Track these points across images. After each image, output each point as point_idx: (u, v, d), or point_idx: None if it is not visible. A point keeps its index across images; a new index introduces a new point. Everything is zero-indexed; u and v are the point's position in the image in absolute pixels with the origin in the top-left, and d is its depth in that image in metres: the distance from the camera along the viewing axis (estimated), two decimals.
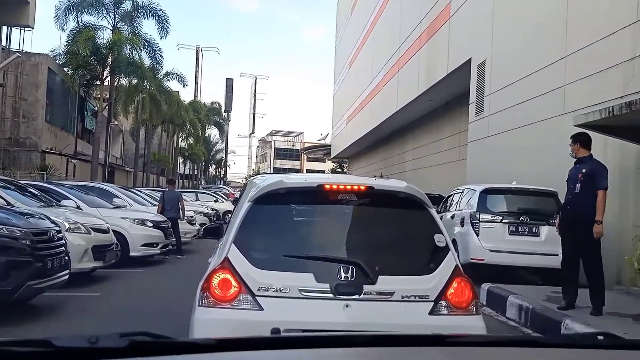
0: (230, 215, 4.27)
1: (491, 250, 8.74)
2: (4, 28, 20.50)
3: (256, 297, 3.05)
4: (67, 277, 6.30)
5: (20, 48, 23.95)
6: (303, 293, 3.05)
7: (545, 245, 8.45)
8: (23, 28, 21.97)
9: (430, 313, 3.11)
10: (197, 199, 24.24)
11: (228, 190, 39.61)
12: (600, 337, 1.48)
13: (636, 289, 7.00)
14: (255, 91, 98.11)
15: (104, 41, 26.97)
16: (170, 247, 11.66)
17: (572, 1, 10.30)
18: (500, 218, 8.92)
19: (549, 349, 1.44)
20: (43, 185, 10.66)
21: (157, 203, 14.42)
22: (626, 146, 8.09)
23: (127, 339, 1.12)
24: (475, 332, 3.05)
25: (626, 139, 7.76)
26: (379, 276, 3.11)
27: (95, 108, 29.75)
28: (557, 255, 6.95)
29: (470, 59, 15.48)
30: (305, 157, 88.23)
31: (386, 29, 27.56)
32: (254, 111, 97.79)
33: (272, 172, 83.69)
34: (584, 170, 6.12)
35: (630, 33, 8.25)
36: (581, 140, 6.31)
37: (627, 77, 8.22)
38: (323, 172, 65.33)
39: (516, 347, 1.44)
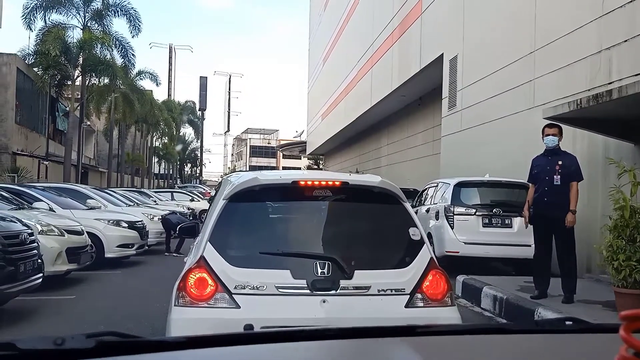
0: (206, 214, 4.26)
1: (465, 243, 8.88)
2: None
3: (233, 295, 3.06)
4: (40, 280, 6.19)
5: None
6: (280, 290, 3.07)
7: (517, 237, 8.62)
8: None
9: (407, 306, 3.16)
10: (172, 199, 24.02)
11: (204, 189, 39.29)
12: (568, 322, 1.53)
13: (605, 277, 7.18)
14: (229, 89, 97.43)
15: (74, 40, 26.51)
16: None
17: None
18: (474, 211, 9.06)
19: (518, 335, 1.48)
20: (14, 188, 10.46)
21: (131, 204, 14.33)
22: (594, 138, 8.29)
23: (93, 339, 1.10)
24: (450, 322, 3.11)
25: (594, 130, 7.96)
26: (355, 271, 3.14)
27: (67, 108, 29.19)
28: (529, 245, 7.10)
29: (443, 54, 15.64)
30: (281, 154, 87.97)
31: (359, 26, 27.65)
32: (229, 109, 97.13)
33: (248, 170, 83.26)
34: (560, 162, 6.24)
35: (595, 27, 8.45)
36: (560, 132, 6.45)
37: (594, 71, 8.42)
38: (299, 169, 65.26)
39: (486, 335, 1.47)
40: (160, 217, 13.04)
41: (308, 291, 3.07)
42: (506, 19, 12.01)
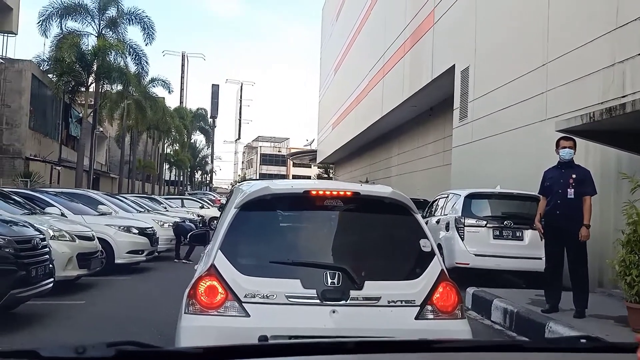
0: (216, 221, 4.27)
1: (476, 255, 8.82)
2: None
3: (243, 304, 3.06)
4: (51, 285, 6.24)
5: (4, 54, 23.70)
6: (290, 299, 3.07)
7: (529, 249, 8.55)
8: (6, 34, 21.73)
9: (417, 318, 3.14)
10: (182, 205, 24.12)
11: (214, 197, 39.42)
12: (583, 341, 1.52)
13: (617, 292, 7.10)
14: (241, 97, 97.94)
15: (89, 47, 26.78)
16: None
17: (552, 9, 10.48)
18: (485, 222, 9.01)
19: (532, 353, 1.47)
20: (27, 193, 10.54)
21: (142, 210, 14.43)
22: (607, 151, 8.23)
23: (114, 348, 1.11)
24: (461, 336, 3.09)
25: (607, 144, 7.90)
26: (366, 281, 3.13)
27: (80, 114, 29.47)
28: (540, 258, 7.04)
29: (454, 65, 15.64)
30: (292, 162, 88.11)
31: (371, 36, 27.74)
32: (240, 117, 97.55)
33: (258, 177, 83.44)
34: (574, 176, 6.20)
35: (609, 40, 8.42)
36: (575, 145, 6.42)
37: (607, 84, 8.38)
38: (309, 177, 65.30)
39: (501, 352, 1.46)
40: (171, 224, 13.10)
41: (318, 301, 3.07)
42: (518, 31, 12.00)
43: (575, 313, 6.04)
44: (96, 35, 27.84)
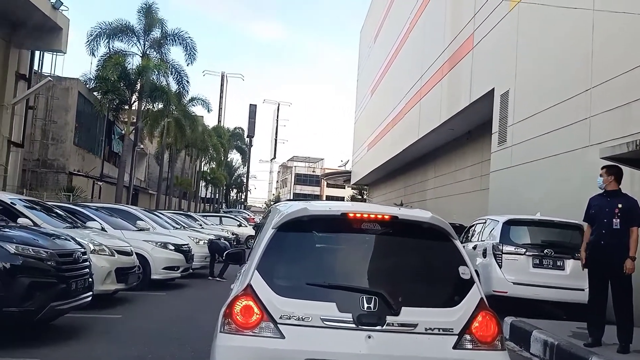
0: (253, 240, 4.29)
1: (514, 283, 8.58)
2: (37, 53, 21.17)
3: (278, 325, 3.04)
4: (90, 298, 6.34)
5: (52, 72, 24.69)
6: (325, 322, 3.03)
7: (570, 279, 8.28)
8: (55, 53, 22.67)
9: (455, 347, 3.06)
10: (220, 223, 24.40)
11: (248, 215, 39.75)
12: None
13: None
14: (277, 117, 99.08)
15: (133, 67, 27.67)
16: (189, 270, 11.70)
17: (597, 33, 10.28)
18: (524, 250, 8.78)
19: None
20: (69, 207, 10.83)
21: (178, 227, 14.66)
22: None
23: None
24: None
25: None
26: (402, 307, 3.08)
27: (123, 132, 30.34)
28: (583, 290, 6.80)
29: (494, 88, 15.48)
30: (325, 183, 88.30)
31: (409, 58, 27.77)
32: (276, 137, 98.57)
33: (292, 197, 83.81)
34: (620, 206, 5.97)
35: None
36: (615, 173, 6.19)
37: None
38: (343, 198, 65.18)
39: None
40: (206, 242, 13.24)
41: (353, 325, 3.03)
42: (561, 55, 11.81)
43: (619, 348, 5.79)
44: (141, 55, 28.79)
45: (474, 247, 9.74)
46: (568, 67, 11.37)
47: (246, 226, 26.15)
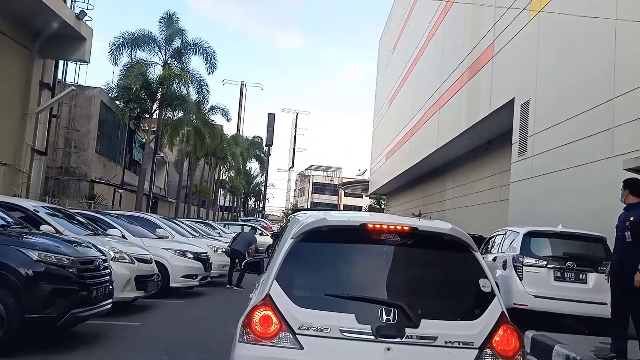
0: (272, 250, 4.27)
1: (535, 296, 8.44)
2: (61, 62, 21.59)
3: (297, 336, 3.03)
4: (110, 305, 6.39)
5: (76, 81, 25.16)
6: (344, 333, 3.01)
7: (593, 293, 8.11)
8: (79, 62, 23.11)
9: None
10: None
11: (266, 224, 39.80)
12: None
13: None
14: (296, 126, 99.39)
15: (154, 76, 28.04)
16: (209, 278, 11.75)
17: (619, 41, 10.15)
18: (545, 263, 8.63)
19: None
20: (90, 214, 10.95)
21: (197, 235, 14.74)
22: None
23: None
24: None
25: None
26: (422, 320, 3.04)
27: (143, 140, 30.71)
28: (606, 304, 6.66)
29: (514, 98, 15.35)
30: (343, 192, 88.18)
31: (427, 68, 27.71)
32: (294, 146, 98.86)
33: (309, 206, 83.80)
34: (631, 219, 5.91)
35: None
36: (630, 186, 6.12)
37: None
38: (360, 208, 64.98)
39: None
40: (224, 250, 13.30)
41: (372, 337, 3.00)
42: (583, 64, 11.67)
43: None
44: (162, 64, 29.18)
45: (494, 259, 9.61)
46: (590, 76, 11.23)
47: (267, 235, 26.12)
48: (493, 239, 10.68)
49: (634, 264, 5.74)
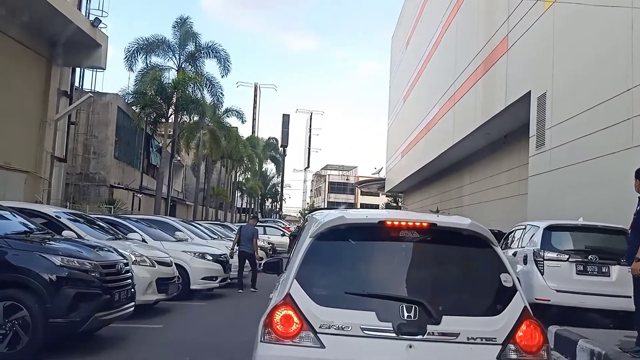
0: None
1: (557, 291, 8.33)
2: (78, 70, 21.88)
3: (318, 334, 3.03)
4: (132, 309, 6.47)
5: (92, 88, 25.46)
6: (365, 331, 3.01)
7: (616, 286, 7.98)
8: (95, 69, 23.39)
9: (498, 357, 2.99)
10: (265, 233, 24.52)
11: (283, 224, 39.86)
12: None
13: None
14: (310, 126, 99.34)
15: (169, 81, 28.25)
16: (229, 280, 11.80)
17: (636, 29, 9.98)
18: (567, 256, 8.52)
19: None
20: (111, 219, 11.09)
21: (215, 237, 14.79)
22: None
23: None
24: None
25: None
26: (443, 316, 3.03)
27: (160, 144, 30.96)
28: (630, 297, 6.54)
29: (530, 91, 15.18)
30: (359, 191, 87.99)
31: (441, 63, 27.52)
32: (309, 146, 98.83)
33: (326, 206, 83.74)
34: (638, 208, 5.84)
35: None
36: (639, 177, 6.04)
37: None
38: (377, 206, 64.81)
39: None
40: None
41: (394, 335, 3.00)
42: (600, 54, 11.50)
43: None
44: (176, 69, 29.39)
45: (514, 254, 9.51)
46: (607, 66, 11.06)
47: (285, 236, 26.13)
48: (513, 233, 10.57)
49: (631, 253, 5.67)
